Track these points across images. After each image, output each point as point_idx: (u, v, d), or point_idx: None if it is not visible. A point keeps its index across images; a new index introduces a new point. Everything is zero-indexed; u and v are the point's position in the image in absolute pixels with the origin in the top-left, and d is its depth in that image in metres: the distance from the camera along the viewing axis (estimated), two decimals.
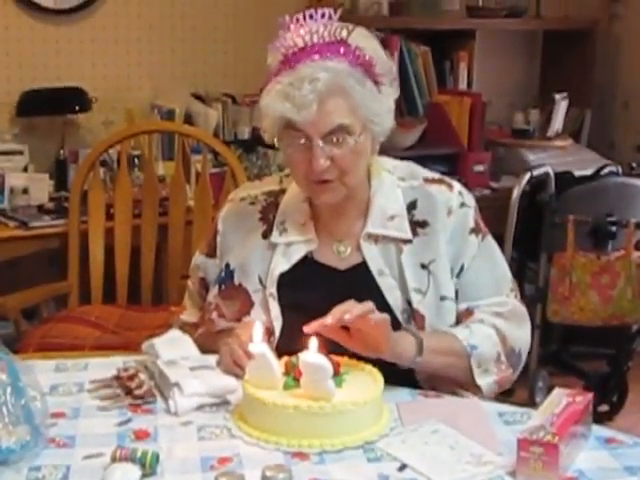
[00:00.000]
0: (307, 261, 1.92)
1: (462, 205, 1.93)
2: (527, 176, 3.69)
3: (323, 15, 1.79)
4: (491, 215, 4.00)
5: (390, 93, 1.85)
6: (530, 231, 3.87)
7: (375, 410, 1.62)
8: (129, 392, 1.75)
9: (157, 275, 3.18)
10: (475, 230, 1.92)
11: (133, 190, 3.25)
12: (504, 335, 1.88)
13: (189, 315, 2.09)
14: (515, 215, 3.73)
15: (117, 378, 1.81)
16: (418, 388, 1.84)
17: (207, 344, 1.93)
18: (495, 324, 1.88)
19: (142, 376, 1.82)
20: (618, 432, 1.64)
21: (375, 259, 1.89)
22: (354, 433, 1.58)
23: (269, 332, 1.87)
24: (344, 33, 1.79)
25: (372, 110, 1.79)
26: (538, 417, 1.53)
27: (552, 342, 4.25)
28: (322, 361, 1.57)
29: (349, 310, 1.66)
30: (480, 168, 3.98)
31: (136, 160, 3.60)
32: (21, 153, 3.58)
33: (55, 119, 3.69)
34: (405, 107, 4.13)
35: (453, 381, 1.87)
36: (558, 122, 4.34)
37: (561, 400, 1.58)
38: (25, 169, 3.58)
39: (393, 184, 1.94)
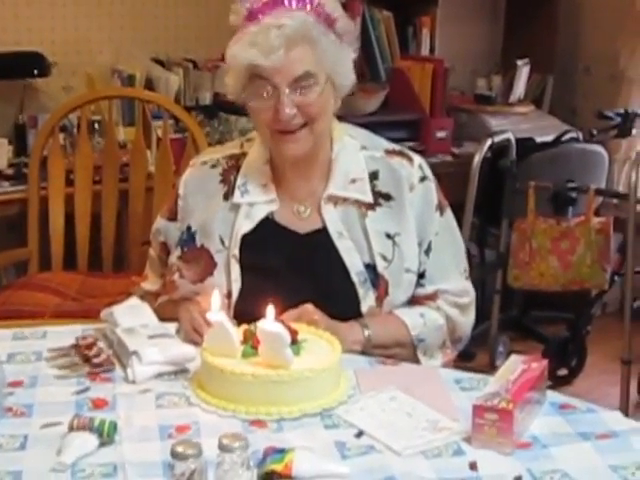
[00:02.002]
0: (268, 223, 1.93)
1: (423, 179, 1.94)
2: (488, 142, 3.70)
3: None
4: (452, 181, 4.05)
5: (350, 47, 1.87)
6: (491, 197, 3.89)
7: (333, 377, 1.63)
8: (87, 360, 1.75)
9: (118, 242, 3.16)
10: (438, 206, 1.94)
11: (93, 156, 3.22)
12: (454, 325, 1.97)
13: (151, 284, 2.09)
14: (476, 181, 3.75)
15: (75, 347, 1.80)
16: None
17: (168, 312, 1.94)
18: (449, 315, 1.96)
19: (101, 344, 1.82)
20: (572, 398, 1.66)
21: (334, 222, 1.90)
22: (312, 400, 1.59)
23: (229, 294, 1.89)
24: None
25: (336, 61, 1.82)
26: (494, 384, 1.54)
27: (513, 307, 4.30)
28: (279, 329, 1.57)
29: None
30: (442, 134, 3.98)
31: (96, 125, 3.57)
32: None
33: (14, 83, 3.64)
34: (368, 73, 4.11)
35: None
36: (520, 88, 4.35)
37: (517, 367, 1.60)
38: None
39: (355, 149, 1.95)
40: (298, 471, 1.37)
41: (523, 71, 4.33)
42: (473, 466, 1.43)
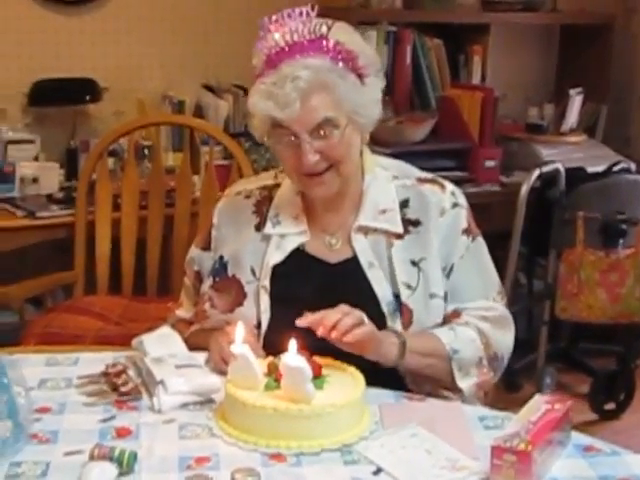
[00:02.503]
0: (299, 254, 1.94)
1: (454, 205, 1.94)
2: (536, 173, 3.68)
3: (301, 13, 1.82)
4: (501, 210, 4.05)
5: (375, 84, 1.87)
6: (540, 227, 3.86)
7: (354, 413, 1.63)
8: (115, 389, 1.77)
9: (162, 266, 3.20)
10: (467, 231, 1.94)
11: (141, 181, 3.27)
12: (488, 340, 1.90)
13: (184, 311, 2.12)
14: (523, 211, 3.72)
15: (105, 374, 1.83)
16: (404, 387, 1.85)
17: (200, 340, 1.96)
18: (480, 328, 1.90)
19: (130, 372, 1.84)
20: (598, 440, 1.64)
21: (365, 251, 1.91)
22: (332, 436, 1.59)
23: (258, 325, 1.91)
24: (324, 29, 1.80)
25: (356, 102, 1.82)
26: (515, 424, 1.53)
27: (560, 338, 4.24)
28: (301, 364, 1.58)
29: (340, 319, 1.69)
30: (491, 163, 3.96)
31: (146, 151, 3.62)
32: (32, 142, 3.60)
33: (66, 109, 3.71)
34: (417, 101, 4.12)
35: (436, 382, 1.88)
36: (573, 117, 4.31)
37: (540, 407, 1.58)
38: (36, 158, 3.61)
39: (387, 179, 1.96)
40: None
41: (576, 100, 4.29)
42: None
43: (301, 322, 1.69)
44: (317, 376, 1.65)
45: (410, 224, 1.91)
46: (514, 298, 4.00)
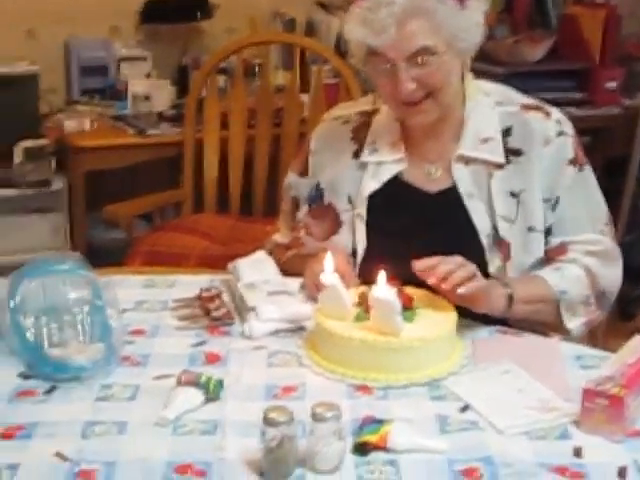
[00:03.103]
0: (397, 182, 1.90)
1: (560, 134, 1.85)
2: None
3: None
4: (621, 134, 3.89)
5: (477, 6, 1.78)
6: None
7: (444, 347, 1.60)
8: (208, 313, 1.78)
9: (269, 187, 3.19)
10: (574, 161, 1.86)
11: (250, 100, 3.25)
12: (595, 276, 1.83)
13: (282, 236, 2.10)
14: None
15: (199, 298, 1.84)
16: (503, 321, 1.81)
17: (296, 266, 1.95)
18: (587, 265, 1.83)
19: (225, 297, 1.85)
20: None
21: (465, 181, 1.85)
22: (421, 369, 1.56)
23: (354, 254, 1.88)
24: None
25: (455, 27, 1.74)
26: (610, 366, 1.47)
27: None
28: (390, 297, 1.55)
29: (453, 271, 1.63)
30: (612, 85, 3.79)
31: (256, 69, 3.59)
32: (144, 59, 3.62)
33: (178, 26, 3.70)
34: (538, 19, 3.96)
35: (543, 325, 1.83)
36: None
37: (638, 349, 1.52)
38: (148, 76, 3.62)
39: (489, 107, 1.89)
40: (393, 444, 1.35)
41: None
42: (578, 452, 1.37)
43: (417, 265, 1.63)
44: (407, 308, 1.61)
45: (512, 153, 1.84)
46: (631, 225, 3.86)
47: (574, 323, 1.82)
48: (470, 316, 1.74)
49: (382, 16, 1.69)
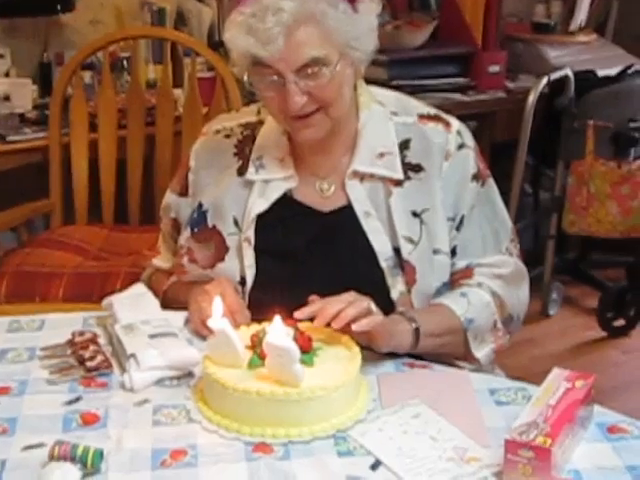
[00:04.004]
0: (286, 201, 1.73)
1: (461, 147, 1.72)
2: (544, 81, 3.44)
3: None
4: (506, 118, 3.81)
5: (370, 9, 1.63)
6: (547, 136, 3.64)
7: (349, 392, 1.45)
8: (82, 362, 1.58)
9: (145, 192, 2.98)
10: (476, 176, 1.73)
11: (120, 98, 3.03)
12: (502, 301, 1.71)
13: (162, 260, 1.93)
14: (530, 122, 3.50)
15: (71, 344, 1.64)
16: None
17: (179, 295, 1.79)
18: (493, 289, 1.71)
19: (101, 340, 1.66)
20: (623, 417, 1.45)
21: (361, 199, 1.70)
22: (324, 420, 1.41)
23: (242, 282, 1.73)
24: None
25: (348, 34, 1.58)
26: (532, 408, 1.35)
27: (568, 250, 4.06)
28: (287, 344, 1.38)
29: (342, 310, 1.48)
30: (495, 69, 3.70)
31: (125, 62, 3.37)
32: (2, 57, 3.34)
33: (38, 20, 3.43)
34: (418, 3, 3.84)
35: (449, 354, 1.70)
36: (582, 14, 4.04)
37: (559, 385, 1.40)
38: (7, 74, 3.35)
39: (385, 117, 1.74)
40: None
41: None
42: None
43: (299, 314, 1.48)
44: (306, 351, 1.46)
45: (411, 169, 1.69)
46: (520, 210, 3.80)
47: (483, 352, 1.70)
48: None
49: (269, 25, 1.52)
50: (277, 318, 1.42)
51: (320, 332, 1.52)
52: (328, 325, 1.49)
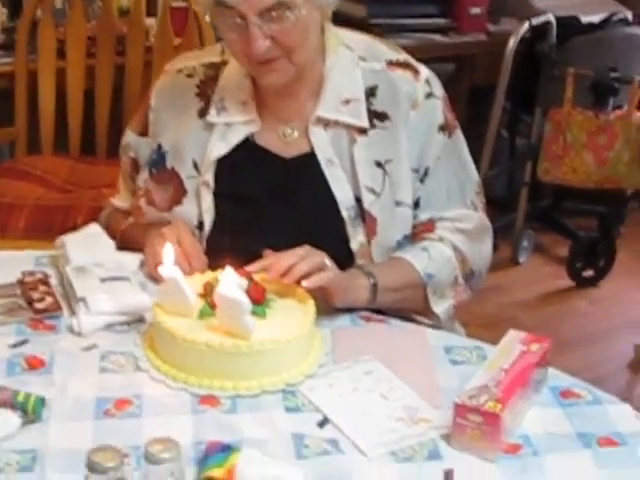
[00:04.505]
0: (248, 145, 1.69)
1: (429, 96, 1.67)
2: (525, 26, 3.39)
3: None
4: (486, 62, 3.76)
5: None
6: (526, 82, 3.59)
7: (301, 347, 1.42)
8: (31, 303, 1.54)
9: (113, 123, 2.91)
10: (443, 127, 1.68)
11: (91, 25, 2.95)
12: (464, 256, 1.68)
13: (121, 200, 1.87)
14: (510, 66, 3.46)
15: (21, 283, 1.60)
16: None
17: (137, 236, 1.75)
18: (455, 244, 1.67)
19: (52, 280, 1.62)
20: (577, 381, 1.44)
21: (324, 147, 1.65)
22: (274, 374, 1.38)
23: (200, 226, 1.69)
24: None
25: None
26: (484, 371, 1.32)
27: (542, 198, 4.04)
28: (237, 295, 1.35)
29: (295, 264, 1.46)
30: (477, 10, 3.64)
31: None
32: None
33: None
34: None
35: (408, 309, 1.67)
36: None
37: (514, 348, 1.37)
38: None
39: (352, 62, 1.68)
40: (241, 478, 1.17)
41: None
42: (449, 475, 1.22)
43: (251, 268, 1.45)
44: (258, 302, 1.42)
45: (376, 117, 1.64)
46: (495, 156, 3.77)
47: (442, 307, 1.68)
48: None
49: None
50: (228, 268, 1.38)
51: (275, 284, 1.49)
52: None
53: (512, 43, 3.39)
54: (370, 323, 1.58)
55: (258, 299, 1.42)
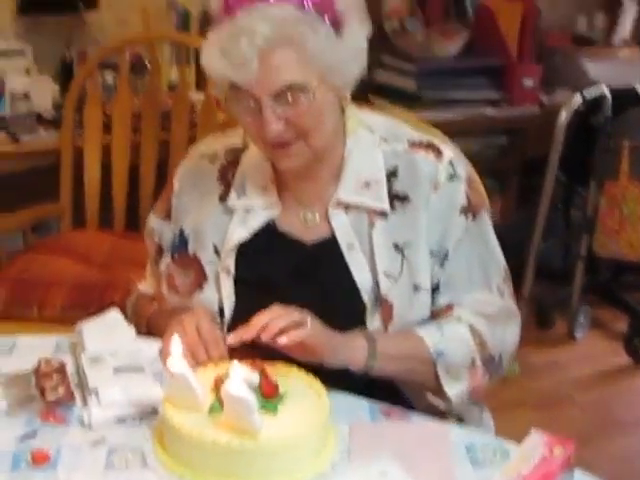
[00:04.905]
0: (269, 230, 1.66)
1: (452, 177, 1.63)
2: (577, 99, 3.32)
3: None
4: (539, 133, 3.69)
5: (357, 33, 1.54)
6: (581, 153, 3.52)
7: (312, 445, 1.36)
8: (43, 393, 1.51)
9: (157, 198, 2.90)
10: (466, 209, 1.63)
11: (139, 100, 2.97)
12: (483, 339, 1.61)
13: (147, 286, 1.85)
14: (561, 140, 3.40)
15: (36, 372, 1.57)
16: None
17: (159, 323, 1.71)
18: (473, 325, 1.61)
19: (69, 369, 1.58)
20: None
21: (345, 231, 1.62)
22: (284, 474, 1.32)
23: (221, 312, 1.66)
24: None
25: (330, 59, 1.50)
26: (503, 475, 1.25)
27: (599, 271, 3.93)
28: (244, 393, 1.30)
29: (273, 320, 1.44)
30: (529, 82, 3.59)
31: (148, 64, 3.29)
32: (23, 53, 3.28)
33: (62, 18, 3.37)
34: (453, 9, 3.73)
35: (422, 386, 1.61)
36: (626, 28, 3.93)
37: (535, 452, 1.30)
38: (27, 72, 3.30)
39: (373, 144, 1.65)
40: None
41: (630, 8, 3.88)
42: None
43: (231, 339, 1.45)
44: (269, 397, 1.38)
45: (397, 199, 1.60)
46: (550, 228, 3.69)
47: (455, 389, 1.60)
48: (351, 388, 1.53)
49: (242, 47, 1.44)
50: (235, 363, 1.34)
51: (289, 372, 1.45)
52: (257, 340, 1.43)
53: (564, 117, 3.33)
54: (390, 418, 1.51)
55: (269, 394, 1.38)
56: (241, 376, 1.33)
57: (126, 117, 2.91)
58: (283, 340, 1.43)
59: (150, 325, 1.75)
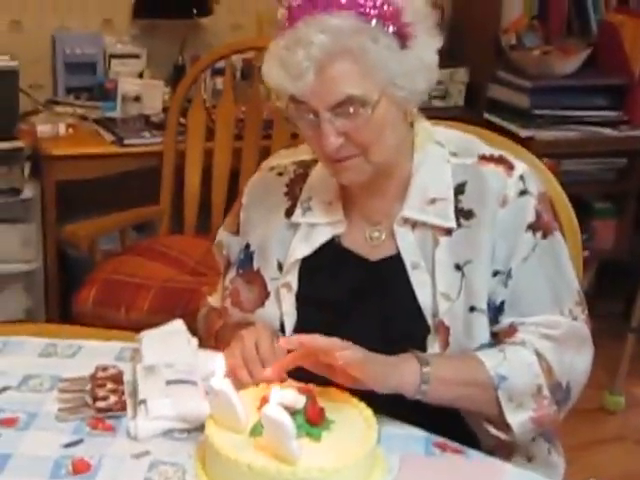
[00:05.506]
0: (333, 246, 1.61)
1: (522, 193, 1.54)
2: None
3: None
4: None
5: (424, 45, 1.47)
6: None
7: (354, 476, 1.30)
8: (95, 401, 1.50)
9: None
10: (534, 226, 1.53)
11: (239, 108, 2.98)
12: (550, 365, 1.50)
13: (218, 299, 1.82)
14: None
15: (93, 378, 1.56)
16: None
17: (224, 338, 1.68)
18: (539, 350, 1.50)
19: (126, 377, 1.57)
20: None
21: (410, 249, 1.55)
22: None
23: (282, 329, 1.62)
24: None
25: (393, 72, 1.44)
26: None
27: None
28: (282, 418, 1.25)
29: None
30: None
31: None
32: (137, 57, 3.34)
33: (177, 22, 3.41)
34: (576, 27, 3.60)
35: (481, 415, 1.52)
36: None
37: None
38: (141, 75, 3.35)
39: (442, 159, 1.58)
40: None
41: None
42: None
43: (282, 342, 1.45)
44: (315, 424, 1.32)
45: (462, 216, 1.53)
46: None
47: (518, 418, 1.48)
48: (403, 417, 1.47)
49: (299, 58, 1.40)
50: (275, 387, 1.29)
51: (341, 402, 1.39)
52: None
53: None
54: (445, 453, 1.44)
55: (314, 420, 1.33)
56: (281, 399, 1.28)
57: (229, 123, 2.92)
58: (337, 362, 1.36)
59: (218, 339, 1.72)
